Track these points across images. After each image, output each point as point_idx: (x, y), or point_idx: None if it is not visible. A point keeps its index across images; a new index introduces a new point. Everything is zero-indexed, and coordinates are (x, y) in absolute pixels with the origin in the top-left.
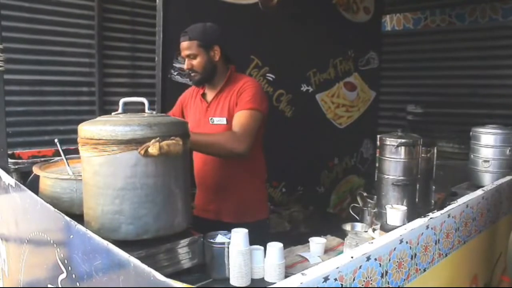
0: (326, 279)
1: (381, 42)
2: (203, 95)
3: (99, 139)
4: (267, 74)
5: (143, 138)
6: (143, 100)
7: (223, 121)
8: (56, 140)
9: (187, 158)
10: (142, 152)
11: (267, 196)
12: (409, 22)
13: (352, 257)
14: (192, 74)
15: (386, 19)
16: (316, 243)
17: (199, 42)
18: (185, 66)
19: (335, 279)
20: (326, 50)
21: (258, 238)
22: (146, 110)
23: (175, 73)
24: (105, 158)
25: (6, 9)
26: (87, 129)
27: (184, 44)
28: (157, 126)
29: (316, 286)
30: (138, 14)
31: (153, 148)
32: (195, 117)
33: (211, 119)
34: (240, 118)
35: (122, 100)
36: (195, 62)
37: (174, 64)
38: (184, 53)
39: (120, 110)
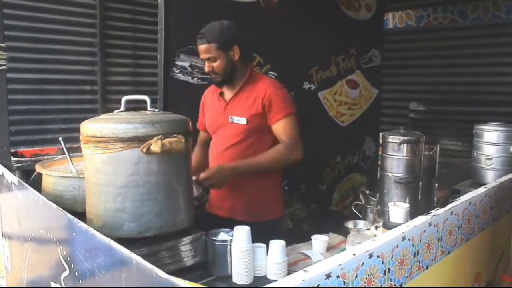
0: (328, 276)
1: (383, 40)
2: (221, 94)
3: (101, 137)
4: (269, 72)
5: (145, 136)
6: (145, 98)
7: (243, 121)
8: (60, 139)
9: (189, 155)
10: (144, 149)
11: (281, 195)
12: (411, 19)
13: (354, 254)
14: (213, 76)
15: (388, 17)
16: (319, 240)
17: (218, 45)
18: (206, 69)
19: (337, 276)
20: (328, 48)
21: (272, 237)
22: (148, 108)
23: (177, 71)
24: (107, 156)
25: (9, 8)
26: (89, 127)
27: (202, 47)
28: (159, 123)
29: (318, 284)
30: (139, 12)
31: (155, 145)
32: (212, 115)
33: (230, 118)
34: (285, 128)
35: (124, 98)
36: (215, 64)
37: (176, 62)
38: (203, 56)
39: (122, 108)
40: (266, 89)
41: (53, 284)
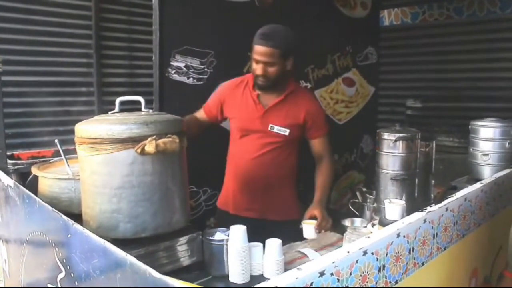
0: (322, 274)
1: (379, 37)
2: (258, 97)
3: (96, 138)
4: None
5: (139, 137)
6: (140, 98)
7: (285, 132)
8: (56, 141)
9: (183, 155)
10: (139, 150)
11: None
12: (407, 16)
13: (348, 252)
14: (261, 79)
15: (383, 14)
16: (307, 225)
17: (281, 52)
18: (258, 71)
19: (331, 274)
20: (324, 46)
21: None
22: (143, 109)
23: (173, 72)
24: (102, 157)
25: (2, 11)
26: (83, 129)
27: (263, 50)
28: (154, 124)
29: (312, 281)
30: (135, 13)
31: (149, 146)
32: (245, 117)
33: (271, 126)
34: (324, 145)
35: (118, 99)
36: (270, 69)
37: (171, 63)
38: (262, 59)
39: (116, 109)
40: (310, 104)
41: (49, 286)
